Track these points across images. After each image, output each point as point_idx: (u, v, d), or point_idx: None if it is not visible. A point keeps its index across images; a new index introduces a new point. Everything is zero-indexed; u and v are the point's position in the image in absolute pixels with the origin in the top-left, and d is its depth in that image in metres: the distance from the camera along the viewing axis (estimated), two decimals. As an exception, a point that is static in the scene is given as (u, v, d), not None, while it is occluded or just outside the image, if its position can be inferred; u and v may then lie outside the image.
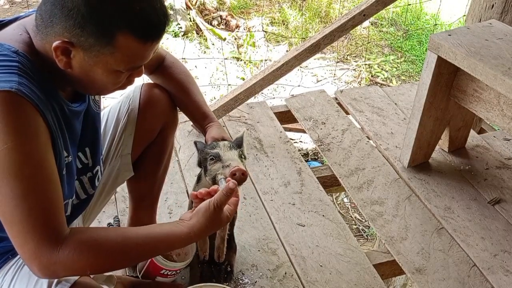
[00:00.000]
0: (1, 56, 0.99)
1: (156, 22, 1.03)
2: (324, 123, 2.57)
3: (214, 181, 1.32)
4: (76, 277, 1.13)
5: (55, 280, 1.09)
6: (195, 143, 1.45)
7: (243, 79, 4.46)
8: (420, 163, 2.28)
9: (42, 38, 1.03)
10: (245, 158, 1.40)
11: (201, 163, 1.42)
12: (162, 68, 1.48)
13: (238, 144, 1.41)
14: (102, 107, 1.37)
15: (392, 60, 5.05)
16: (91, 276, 1.27)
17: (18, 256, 1.18)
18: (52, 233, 0.97)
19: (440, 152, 2.36)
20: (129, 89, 1.52)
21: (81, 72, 1.05)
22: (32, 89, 0.98)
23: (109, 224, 1.90)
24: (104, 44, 1.00)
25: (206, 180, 1.39)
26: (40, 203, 0.97)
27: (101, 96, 1.35)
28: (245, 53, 4.91)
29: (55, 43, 0.99)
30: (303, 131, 2.85)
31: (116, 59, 1.03)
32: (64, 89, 1.13)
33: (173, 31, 4.90)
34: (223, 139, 1.42)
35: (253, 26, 5.20)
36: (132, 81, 1.16)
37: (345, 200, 3.87)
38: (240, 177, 1.26)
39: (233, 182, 1.16)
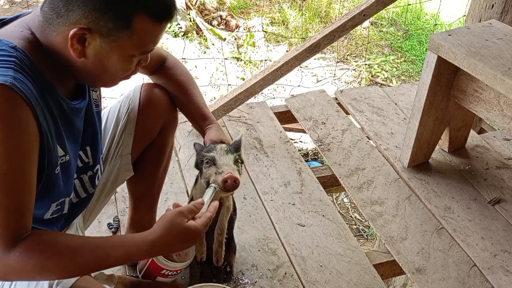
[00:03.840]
0: None
1: (168, 2, 1.07)
2: (324, 123, 2.57)
3: (209, 184, 1.34)
4: (75, 278, 1.13)
5: (56, 281, 1.09)
6: (194, 144, 1.46)
7: (243, 79, 4.46)
8: (420, 163, 2.28)
9: (53, 30, 1.03)
10: (242, 162, 1.41)
11: (198, 165, 1.43)
12: (163, 68, 1.48)
13: (235, 147, 1.41)
14: (102, 106, 1.37)
15: (392, 60, 5.05)
16: (92, 275, 1.27)
17: None
18: (10, 235, 0.96)
19: (440, 152, 2.36)
20: (129, 89, 1.53)
21: (95, 60, 1.05)
22: (27, 85, 0.98)
23: (109, 224, 1.90)
24: (122, 27, 1.02)
25: (201, 182, 1.40)
26: (8, 203, 0.96)
27: (101, 96, 1.35)
28: (245, 53, 4.91)
29: (72, 31, 0.99)
30: (303, 131, 2.85)
31: (132, 42, 1.05)
32: (66, 85, 1.13)
33: (173, 31, 4.90)
34: (222, 142, 1.42)
35: (253, 26, 5.19)
36: (137, 70, 1.18)
37: (345, 200, 3.87)
38: (232, 184, 1.29)
39: (201, 199, 1.20)
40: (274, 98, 4.06)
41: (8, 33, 1.04)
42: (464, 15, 2.84)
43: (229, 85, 3.56)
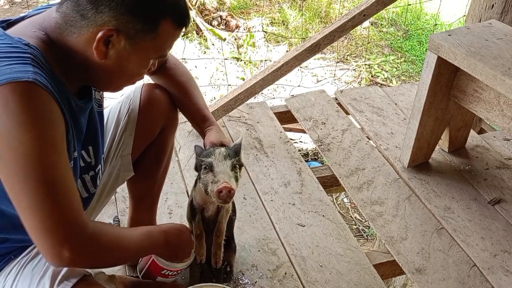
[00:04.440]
0: (13, 48, 0.99)
1: (187, 10, 1.11)
2: (324, 123, 2.57)
3: (206, 190, 1.36)
4: (77, 278, 1.13)
5: (57, 280, 1.09)
6: (195, 147, 1.46)
7: (243, 79, 4.46)
8: (420, 163, 2.28)
9: (73, 32, 1.03)
10: (241, 166, 1.41)
11: (197, 169, 1.43)
12: (164, 69, 1.48)
13: (235, 151, 1.41)
14: (104, 107, 1.37)
15: (392, 60, 5.05)
16: (93, 275, 1.27)
17: (21, 256, 1.18)
18: (78, 223, 0.98)
19: (440, 152, 2.37)
20: (130, 89, 1.53)
21: (115, 62, 1.07)
22: (47, 79, 0.98)
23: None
24: (149, 30, 1.05)
25: (200, 186, 1.40)
26: (66, 191, 0.97)
27: (103, 96, 1.35)
28: (245, 53, 4.91)
29: (101, 32, 1.01)
30: (303, 131, 2.85)
31: (155, 45, 1.08)
32: (73, 85, 1.13)
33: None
34: (222, 144, 1.42)
35: (253, 26, 5.19)
36: (144, 74, 1.21)
37: (345, 200, 3.87)
38: (227, 194, 1.31)
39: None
40: (274, 98, 4.07)
41: (19, 32, 1.04)
42: (464, 15, 2.84)
43: (229, 85, 3.56)
